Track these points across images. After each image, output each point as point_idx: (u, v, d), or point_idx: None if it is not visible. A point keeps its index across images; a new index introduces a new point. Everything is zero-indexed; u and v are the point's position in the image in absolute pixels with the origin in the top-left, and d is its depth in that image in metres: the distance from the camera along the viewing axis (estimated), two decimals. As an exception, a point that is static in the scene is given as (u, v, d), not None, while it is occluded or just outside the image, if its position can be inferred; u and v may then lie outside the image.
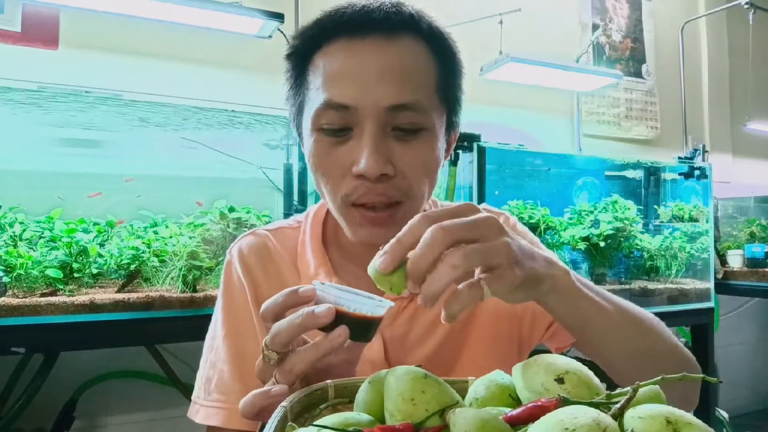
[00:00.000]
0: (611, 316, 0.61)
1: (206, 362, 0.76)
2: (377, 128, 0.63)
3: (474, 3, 2.60)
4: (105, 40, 2.03)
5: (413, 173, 0.65)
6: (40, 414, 1.75)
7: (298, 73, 0.69)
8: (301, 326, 0.49)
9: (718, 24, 3.60)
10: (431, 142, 0.67)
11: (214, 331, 0.77)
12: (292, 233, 0.81)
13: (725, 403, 3.04)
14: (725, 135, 3.59)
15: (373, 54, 0.63)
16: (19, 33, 1.92)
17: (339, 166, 0.65)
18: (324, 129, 0.65)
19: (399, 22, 0.64)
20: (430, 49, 0.67)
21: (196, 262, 1.54)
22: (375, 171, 0.62)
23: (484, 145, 1.99)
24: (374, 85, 0.62)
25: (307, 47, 0.67)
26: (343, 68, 0.64)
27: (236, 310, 0.76)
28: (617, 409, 0.37)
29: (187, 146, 2.00)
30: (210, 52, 2.17)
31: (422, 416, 0.41)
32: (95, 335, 1.42)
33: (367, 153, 0.62)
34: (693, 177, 2.57)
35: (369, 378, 0.49)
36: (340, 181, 0.65)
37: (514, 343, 0.79)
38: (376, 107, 0.62)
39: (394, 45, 0.64)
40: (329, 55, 0.65)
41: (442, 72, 0.68)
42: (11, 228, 1.48)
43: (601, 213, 2.26)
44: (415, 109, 0.64)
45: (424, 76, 0.66)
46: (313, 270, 0.75)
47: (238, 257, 0.78)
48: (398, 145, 0.64)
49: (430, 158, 0.67)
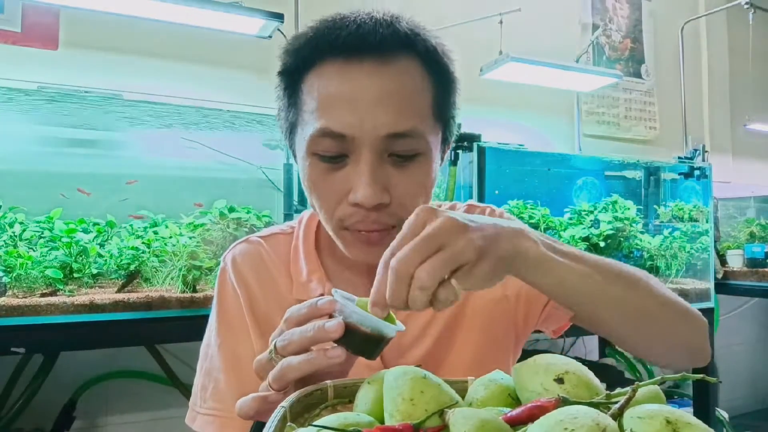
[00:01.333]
0: (592, 277, 0.59)
1: (202, 369, 0.75)
2: (374, 156, 0.62)
3: (474, 3, 2.60)
4: (105, 40, 2.03)
5: (409, 199, 0.65)
6: (40, 414, 1.75)
7: (291, 92, 0.68)
8: (312, 339, 0.51)
9: (718, 24, 3.60)
10: (427, 165, 0.66)
11: (209, 338, 0.77)
12: (285, 239, 0.80)
13: (725, 403, 3.04)
14: (725, 135, 3.59)
15: (370, 78, 0.62)
16: (19, 33, 1.92)
17: (334, 192, 0.64)
18: (319, 155, 0.64)
19: (395, 43, 0.63)
20: (425, 70, 0.66)
21: (196, 262, 1.54)
22: (372, 201, 0.62)
23: (484, 145, 1.99)
24: (371, 112, 0.61)
25: (300, 66, 0.65)
26: (338, 93, 0.62)
27: (231, 318, 0.76)
28: (617, 409, 0.37)
29: (187, 146, 2.00)
30: (210, 52, 2.17)
31: (422, 416, 0.41)
32: (95, 335, 1.42)
33: (363, 183, 0.61)
34: (693, 177, 2.57)
35: (368, 378, 0.49)
36: (335, 207, 0.65)
37: (510, 330, 0.79)
38: (374, 135, 0.62)
39: (391, 68, 0.63)
40: (323, 77, 0.64)
41: (438, 91, 0.67)
42: (11, 228, 1.48)
43: (601, 213, 2.26)
44: (413, 136, 0.64)
45: (420, 100, 0.65)
46: (306, 276, 0.75)
47: (231, 265, 0.78)
48: (395, 171, 0.64)
49: (427, 181, 0.67)
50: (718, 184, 2.73)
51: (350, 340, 0.50)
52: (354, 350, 0.51)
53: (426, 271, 0.47)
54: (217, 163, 2.07)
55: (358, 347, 0.50)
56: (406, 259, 0.47)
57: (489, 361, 0.74)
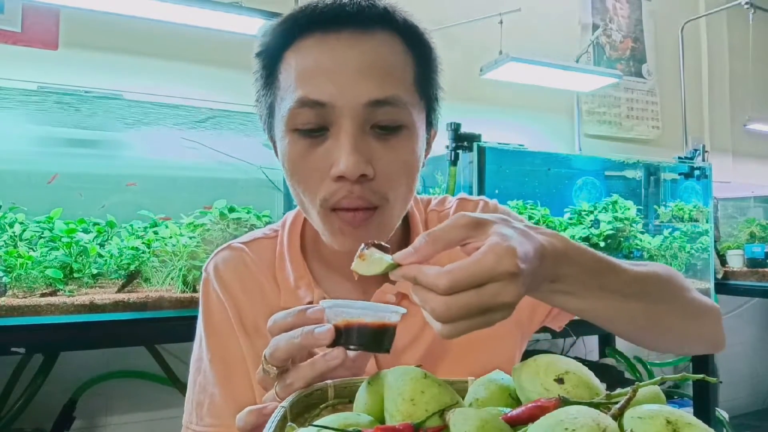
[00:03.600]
0: (617, 303, 0.56)
1: (195, 384, 0.73)
2: (356, 126, 0.60)
3: (474, 3, 2.60)
4: (105, 40, 2.03)
5: (393, 175, 0.62)
6: (40, 414, 1.75)
7: (268, 72, 0.66)
8: (299, 346, 0.50)
9: (718, 24, 3.60)
10: (411, 140, 0.64)
11: (199, 352, 0.74)
12: (268, 244, 0.77)
13: (725, 403, 3.04)
14: (725, 135, 3.59)
15: (349, 48, 0.61)
16: (19, 33, 1.92)
17: (316, 169, 0.62)
18: (298, 129, 0.62)
19: (373, 15, 0.62)
20: (405, 44, 0.64)
21: (196, 262, 1.54)
22: (355, 171, 0.59)
23: (484, 145, 1.99)
24: (352, 80, 0.60)
25: (278, 43, 0.64)
26: (317, 64, 0.61)
27: (219, 330, 0.73)
28: (617, 409, 0.37)
29: (187, 146, 2.00)
30: (210, 52, 2.17)
31: (422, 416, 0.41)
32: (95, 335, 1.42)
33: (346, 153, 0.59)
34: (693, 177, 2.57)
35: (368, 378, 0.49)
36: (318, 185, 0.62)
37: (513, 332, 0.77)
38: (355, 103, 0.59)
39: (370, 39, 0.62)
40: (302, 50, 0.62)
41: (419, 67, 0.65)
42: (11, 228, 1.48)
43: (601, 213, 2.26)
44: (395, 105, 0.61)
45: (401, 71, 0.63)
46: (293, 283, 0.72)
47: (214, 275, 0.75)
48: (378, 144, 0.62)
49: (411, 158, 0.64)
50: (718, 184, 2.73)
51: (354, 338, 0.49)
52: (362, 347, 0.49)
53: (467, 324, 0.42)
54: (217, 163, 2.07)
55: (365, 343, 0.49)
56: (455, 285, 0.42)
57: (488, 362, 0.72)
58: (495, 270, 0.42)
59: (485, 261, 0.43)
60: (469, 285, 0.42)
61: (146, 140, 2.04)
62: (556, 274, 0.50)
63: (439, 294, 0.42)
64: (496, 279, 0.43)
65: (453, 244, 0.48)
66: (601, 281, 0.54)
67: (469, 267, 0.42)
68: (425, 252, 0.46)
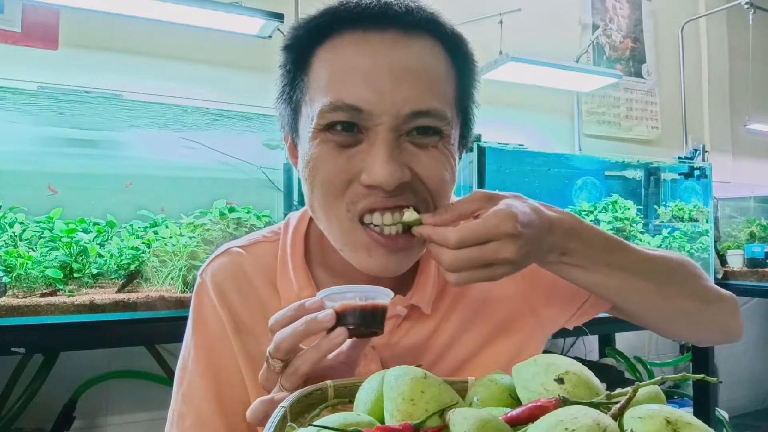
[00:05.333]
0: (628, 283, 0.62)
1: (178, 395, 0.69)
2: (393, 135, 0.56)
3: (474, 3, 2.60)
4: (105, 40, 2.03)
5: (432, 179, 0.58)
6: (40, 414, 1.75)
7: (297, 68, 0.61)
8: (305, 332, 0.51)
9: (718, 24, 3.60)
10: (448, 152, 0.60)
11: (185, 361, 0.70)
12: (269, 248, 0.71)
13: (725, 403, 3.04)
14: (725, 135, 3.59)
15: (393, 51, 0.56)
16: (19, 33, 1.92)
17: (343, 171, 0.57)
18: (328, 132, 0.57)
19: (420, 19, 0.57)
20: (448, 54, 0.60)
21: (196, 262, 1.54)
22: (392, 181, 0.54)
23: (484, 145, 1.99)
24: (393, 87, 0.55)
25: (311, 38, 0.59)
26: (355, 65, 0.56)
27: (212, 341, 0.68)
28: (617, 409, 0.37)
29: (187, 146, 2.00)
30: (210, 52, 2.17)
31: (422, 416, 0.41)
32: (95, 335, 1.42)
33: (381, 161, 0.54)
34: (693, 177, 2.57)
35: (369, 378, 0.49)
36: (343, 189, 0.57)
37: (531, 333, 0.74)
38: (395, 113, 0.55)
39: (414, 44, 0.57)
40: (338, 48, 0.57)
41: (460, 80, 0.62)
42: (11, 228, 1.48)
43: (601, 213, 2.26)
44: (436, 117, 0.57)
45: (444, 84, 0.59)
46: (296, 293, 0.67)
47: (211, 283, 0.70)
48: (415, 150, 0.57)
49: (448, 169, 0.60)
50: (718, 184, 2.73)
51: (350, 319, 0.52)
52: (360, 326, 0.52)
53: (469, 274, 0.53)
54: (217, 163, 2.07)
55: (361, 323, 0.52)
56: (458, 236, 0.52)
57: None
58: (496, 229, 0.52)
59: (488, 222, 0.53)
60: (473, 242, 0.52)
61: (146, 140, 2.04)
62: (566, 247, 0.58)
63: (449, 248, 0.52)
64: (496, 238, 0.52)
65: (468, 213, 0.57)
66: (610, 258, 0.61)
67: (474, 227, 0.52)
68: (444, 217, 0.56)
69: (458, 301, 0.71)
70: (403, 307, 0.68)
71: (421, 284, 0.69)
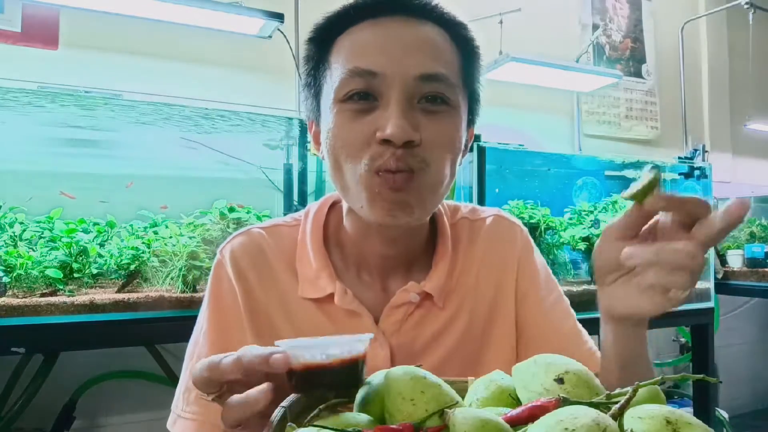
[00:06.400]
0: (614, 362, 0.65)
1: (187, 370, 0.71)
2: (405, 97, 0.62)
3: (474, 3, 2.60)
4: (105, 40, 2.03)
5: (437, 145, 0.63)
6: (40, 414, 1.75)
7: (320, 57, 0.68)
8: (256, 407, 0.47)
9: (718, 24, 3.59)
10: (457, 120, 0.66)
11: (197, 336, 0.72)
12: (289, 232, 0.76)
13: (725, 403, 3.04)
14: (725, 135, 3.58)
15: (402, 28, 0.64)
16: (19, 33, 1.92)
17: (362, 133, 0.62)
18: (347, 99, 0.63)
19: (425, 6, 0.66)
20: (452, 40, 0.67)
21: (196, 262, 1.53)
22: (402, 135, 0.60)
23: (484, 145, 1.99)
24: (403, 53, 0.62)
25: (333, 28, 0.67)
26: (370, 39, 0.64)
27: (225, 316, 0.71)
28: (617, 409, 0.37)
29: (187, 146, 2.00)
30: (210, 52, 2.17)
31: (422, 416, 0.41)
32: (95, 335, 1.42)
33: (394, 117, 0.60)
34: (693, 177, 2.57)
35: (369, 378, 0.49)
36: (363, 149, 0.62)
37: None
38: (406, 75, 0.62)
39: (422, 26, 0.65)
40: (355, 33, 0.65)
41: (464, 61, 0.68)
42: (11, 228, 1.48)
43: (601, 213, 2.26)
44: (444, 82, 0.64)
45: (450, 57, 0.66)
46: (315, 273, 0.71)
47: (230, 259, 0.73)
48: (424, 117, 0.63)
49: (455, 136, 0.66)
50: (718, 183, 2.73)
51: (322, 380, 0.45)
52: (336, 389, 0.46)
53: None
54: (217, 163, 2.07)
55: (337, 384, 0.46)
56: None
57: None
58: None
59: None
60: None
61: (146, 140, 2.04)
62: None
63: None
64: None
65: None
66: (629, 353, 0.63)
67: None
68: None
69: (470, 297, 0.75)
70: (416, 294, 0.71)
71: (437, 270, 0.73)
